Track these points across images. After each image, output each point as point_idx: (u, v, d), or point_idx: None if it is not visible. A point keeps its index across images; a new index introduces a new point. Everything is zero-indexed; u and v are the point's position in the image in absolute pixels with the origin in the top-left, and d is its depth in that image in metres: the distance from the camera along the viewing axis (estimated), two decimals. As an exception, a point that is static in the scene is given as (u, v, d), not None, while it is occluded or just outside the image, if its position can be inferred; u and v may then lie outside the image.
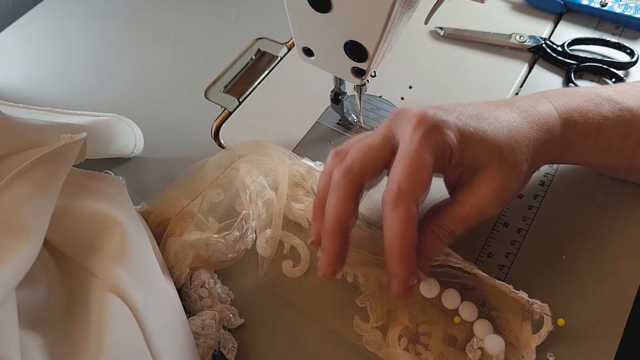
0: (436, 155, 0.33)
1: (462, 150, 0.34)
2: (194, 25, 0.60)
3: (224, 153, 0.44)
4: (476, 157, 0.34)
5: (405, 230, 0.32)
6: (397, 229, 0.32)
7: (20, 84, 0.57)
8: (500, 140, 0.34)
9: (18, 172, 0.31)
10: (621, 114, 0.38)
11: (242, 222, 0.41)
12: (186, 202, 0.41)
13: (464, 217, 0.34)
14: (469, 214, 0.34)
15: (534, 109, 0.37)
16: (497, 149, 0.34)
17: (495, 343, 0.35)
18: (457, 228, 0.35)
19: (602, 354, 0.35)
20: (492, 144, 0.34)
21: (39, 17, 0.63)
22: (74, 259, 0.35)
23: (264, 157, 0.43)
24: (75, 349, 0.30)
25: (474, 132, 0.34)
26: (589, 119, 0.38)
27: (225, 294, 0.39)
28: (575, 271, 0.39)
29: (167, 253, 0.39)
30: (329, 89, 0.46)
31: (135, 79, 0.56)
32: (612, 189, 0.43)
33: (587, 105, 0.38)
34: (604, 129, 0.38)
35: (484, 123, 0.35)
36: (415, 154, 0.32)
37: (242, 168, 0.42)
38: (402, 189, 0.32)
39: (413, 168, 0.32)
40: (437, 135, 0.33)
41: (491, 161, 0.34)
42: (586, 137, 0.38)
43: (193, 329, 0.36)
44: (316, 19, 0.36)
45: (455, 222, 0.34)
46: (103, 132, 0.44)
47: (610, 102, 0.38)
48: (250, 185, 0.41)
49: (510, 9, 0.57)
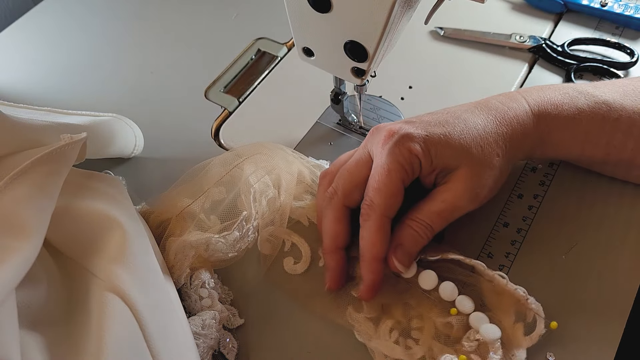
0: (403, 166, 0.36)
1: (431, 158, 0.37)
2: (194, 25, 0.60)
3: (229, 153, 0.44)
4: (446, 161, 0.37)
5: (374, 239, 0.36)
6: (367, 238, 0.36)
7: (20, 84, 0.57)
8: (467, 141, 0.37)
9: (18, 172, 0.31)
10: (597, 107, 0.39)
11: (242, 223, 0.41)
12: (188, 201, 0.41)
13: (438, 212, 0.37)
14: (443, 209, 0.37)
15: (504, 106, 0.39)
16: (464, 149, 0.37)
17: (491, 330, 0.35)
18: (432, 222, 0.37)
19: (602, 354, 0.35)
20: (460, 146, 0.37)
21: (39, 17, 0.63)
22: (74, 259, 0.35)
23: (267, 157, 0.43)
24: (75, 349, 0.30)
25: (439, 139, 0.37)
26: (563, 111, 0.39)
27: (225, 294, 0.39)
28: (575, 271, 0.39)
29: (167, 253, 0.39)
30: (329, 89, 0.46)
31: (135, 79, 0.56)
32: (612, 189, 0.43)
33: (562, 98, 0.40)
34: (579, 121, 0.39)
35: (449, 128, 0.38)
36: (383, 169, 0.36)
37: (247, 168, 0.42)
38: (373, 202, 0.36)
39: (382, 183, 0.36)
40: (402, 148, 0.36)
41: (460, 161, 0.37)
42: (561, 129, 0.39)
43: (193, 329, 0.36)
44: (316, 19, 0.36)
45: (429, 216, 0.37)
46: (103, 132, 0.44)
47: (587, 95, 0.40)
48: (254, 185, 0.41)
49: (510, 9, 0.57)
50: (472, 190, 0.37)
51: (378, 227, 0.36)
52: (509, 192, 0.43)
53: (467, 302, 0.36)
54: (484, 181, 0.37)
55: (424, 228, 0.37)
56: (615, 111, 0.39)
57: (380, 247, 0.36)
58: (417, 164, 0.37)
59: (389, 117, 0.50)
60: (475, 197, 0.37)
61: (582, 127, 0.39)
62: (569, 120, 0.39)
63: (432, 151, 0.37)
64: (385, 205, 0.36)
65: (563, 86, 0.41)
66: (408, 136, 0.37)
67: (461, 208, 0.37)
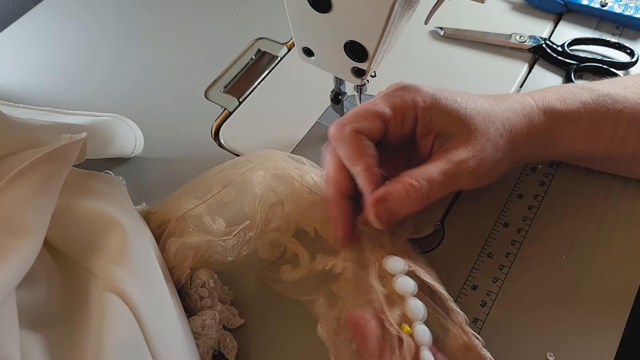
0: (394, 107, 0.35)
1: (431, 117, 0.36)
2: (194, 25, 0.60)
3: (241, 158, 0.43)
4: (447, 125, 0.36)
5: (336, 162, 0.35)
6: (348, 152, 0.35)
7: (20, 84, 0.57)
8: (472, 113, 0.36)
9: (18, 172, 0.31)
10: (601, 99, 0.39)
11: (243, 231, 0.40)
12: (194, 203, 0.41)
13: (439, 171, 0.34)
14: (444, 169, 0.34)
15: (511, 98, 0.39)
16: (468, 119, 0.36)
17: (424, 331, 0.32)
18: (430, 182, 0.33)
19: (602, 354, 0.35)
20: (464, 114, 0.36)
21: (39, 17, 0.63)
22: (74, 259, 0.35)
23: (277, 164, 0.42)
24: (75, 349, 0.30)
25: (446, 102, 0.36)
26: (568, 105, 0.39)
27: (225, 294, 0.39)
28: (576, 271, 0.39)
29: (167, 253, 0.39)
30: (329, 89, 0.46)
31: (135, 79, 0.56)
32: (612, 189, 0.43)
33: (565, 94, 0.39)
34: (584, 114, 0.39)
35: (459, 98, 0.37)
36: (371, 101, 0.35)
37: (256, 175, 0.41)
38: (343, 120, 0.35)
39: (362, 107, 0.35)
40: (404, 94, 0.36)
41: (463, 130, 0.36)
42: (566, 123, 0.39)
43: (193, 329, 0.36)
44: (316, 19, 0.36)
45: (428, 174, 0.34)
46: (103, 132, 0.44)
47: (589, 90, 0.40)
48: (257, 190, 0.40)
49: (510, 9, 0.57)
50: (475, 157, 0.34)
51: (351, 138, 0.34)
52: (509, 192, 0.43)
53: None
54: (486, 155, 0.35)
55: (417, 188, 0.33)
56: (619, 103, 0.39)
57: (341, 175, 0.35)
58: (412, 115, 0.36)
59: (389, 117, 0.50)
60: (477, 169, 0.35)
61: (586, 119, 0.39)
62: (574, 114, 0.39)
63: (435, 110, 0.35)
64: (358, 123, 0.35)
65: (564, 85, 0.41)
66: (415, 88, 0.36)
67: (462, 174, 0.34)
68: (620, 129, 0.39)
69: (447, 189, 0.35)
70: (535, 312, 0.37)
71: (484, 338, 0.36)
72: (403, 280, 0.34)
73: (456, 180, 0.35)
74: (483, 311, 0.38)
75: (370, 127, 0.35)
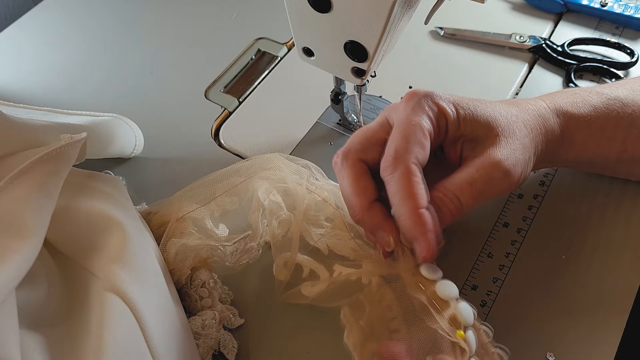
0: (430, 118, 0.33)
1: (459, 123, 0.34)
2: (194, 25, 0.60)
3: (243, 163, 0.42)
4: (475, 130, 0.34)
5: (409, 186, 0.31)
6: (401, 188, 0.31)
7: (20, 84, 0.57)
8: (497, 116, 0.35)
9: (18, 172, 0.31)
10: (611, 103, 0.39)
11: (244, 240, 0.40)
12: (196, 206, 0.41)
13: (469, 181, 0.32)
14: (476, 178, 0.32)
15: (524, 102, 0.38)
16: (494, 122, 0.35)
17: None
18: (462, 195, 0.32)
19: (602, 354, 0.35)
20: (490, 117, 0.35)
21: (39, 17, 0.63)
22: (74, 259, 0.35)
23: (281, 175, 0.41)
24: (75, 349, 0.30)
25: (469, 107, 0.35)
26: (580, 108, 0.38)
27: (225, 294, 0.39)
28: (576, 271, 0.39)
29: (167, 255, 0.39)
30: (329, 89, 0.46)
31: (135, 79, 0.56)
32: (612, 189, 0.43)
33: (575, 98, 0.39)
34: (595, 119, 0.38)
35: (478, 103, 0.36)
36: (408, 118, 0.33)
37: (260, 185, 0.40)
38: (398, 151, 0.32)
39: (407, 131, 0.32)
40: (429, 102, 0.34)
41: (490, 133, 0.34)
42: (579, 127, 0.38)
43: (193, 329, 0.36)
44: (316, 19, 0.36)
45: (460, 186, 0.32)
46: (103, 132, 0.44)
47: (598, 94, 0.39)
48: (264, 202, 0.40)
49: (510, 9, 0.57)
50: (508, 159, 0.33)
51: (411, 172, 0.31)
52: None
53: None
54: (518, 155, 0.33)
55: (450, 202, 0.32)
56: (629, 106, 0.38)
57: (420, 196, 0.30)
58: (444, 124, 0.34)
59: (389, 117, 0.50)
60: (510, 171, 0.33)
61: (598, 124, 0.38)
62: (585, 117, 0.38)
63: (461, 113, 0.34)
64: (413, 153, 0.31)
65: (574, 89, 0.41)
66: (436, 94, 0.34)
67: (495, 181, 0.32)
68: (632, 132, 0.38)
69: (482, 199, 0.33)
70: (535, 312, 0.37)
71: (484, 338, 0.36)
72: (445, 284, 0.32)
73: (491, 188, 0.33)
74: (483, 311, 0.38)
75: (423, 155, 0.32)
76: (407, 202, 0.31)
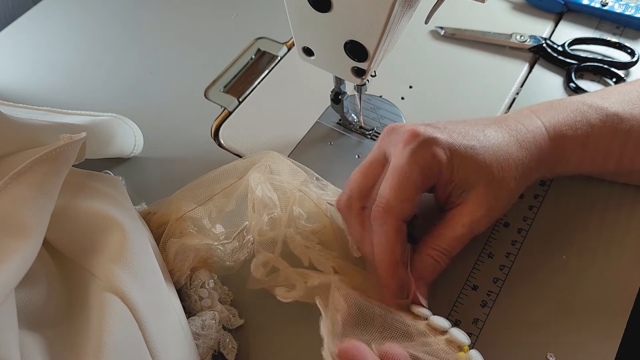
0: (424, 171, 0.35)
1: (452, 169, 0.36)
2: (193, 25, 0.60)
3: (241, 161, 0.42)
4: (466, 176, 0.36)
5: (394, 244, 0.34)
6: (386, 244, 0.35)
7: (20, 84, 0.57)
8: (490, 159, 0.36)
9: (18, 172, 0.31)
10: (608, 120, 0.39)
11: (243, 233, 0.40)
12: (194, 205, 0.40)
13: (458, 237, 0.36)
14: (463, 233, 0.36)
15: (523, 127, 0.38)
16: (486, 168, 0.36)
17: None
18: (452, 248, 0.36)
19: (603, 354, 0.35)
20: (483, 163, 0.36)
21: (38, 17, 0.63)
22: (74, 259, 0.35)
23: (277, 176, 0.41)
24: (75, 349, 0.30)
25: (465, 150, 0.36)
26: (578, 129, 0.38)
27: (225, 294, 0.39)
28: (576, 271, 0.39)
29: (167, 255, 0.39)
30: (329, 89, 0.46)
31: (135, 79, 0.56)
32: (613, 190, 0.43)
33: (575, 116, 0.39)
34: (592, 138, 0.39)
35: (474, 141, 0.36)
36: (403, 169, 0.35)
37: (253, 177, 0.40)
38: (390, 205, 0.35)
39: (401, 184, 0.35)
40: (427, 151, 0.35)
41: (480, 180, 0.36)
42: (575, 149, 0.39)
43: (193, 329, 0.35)
44: (316, 18, 0.36)
45: (449, 242, 0.36)
46: (103, 132, 0.44)
47: (597, 109, 0.39)
48: (255, 191, 0.40)
49: (511, 9, 0.57)
50: (489, 213, 0.36)
51: (397, 232, 0.35)
52: (509, 192, 0.43)
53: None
54: (500, 203, 0.37)
55: (443, 255, 0.36)
56: (627, 122, 0.38)
57: (400, 252, 0.35)
58: (438, 173, 0.36)
59: (389, 117, 0.50)
60: (490, 220, 0.37)
61: (595, 143, 0.39)
62: (582, 140, 0.38)
63: (456, 162, 0.36)
64: (403, 210, 0.35)
65: (572, 101, 0.40)
66: (434, 140, 0.35)
67: (477, 232, 0.36)
68: (628, 147, 0.39)
69: (466, 241, 0.37)
70: (535, 312, 0.37)
71: (484, 338, 0.36)
72: (437, 319, 0.34)
73: (473, 234, 0.36)
74: (483, 311, 0.38)
75: (411, 210, 0.35)
76: (387, 256, 0.35)
